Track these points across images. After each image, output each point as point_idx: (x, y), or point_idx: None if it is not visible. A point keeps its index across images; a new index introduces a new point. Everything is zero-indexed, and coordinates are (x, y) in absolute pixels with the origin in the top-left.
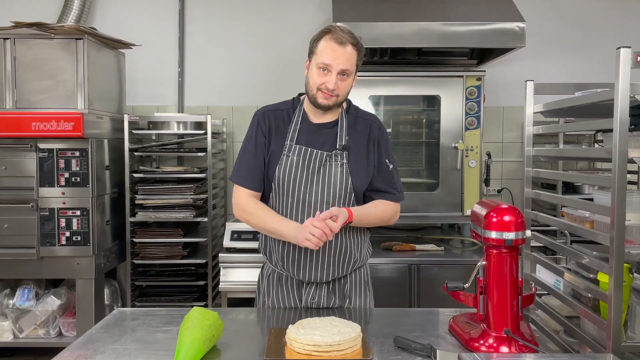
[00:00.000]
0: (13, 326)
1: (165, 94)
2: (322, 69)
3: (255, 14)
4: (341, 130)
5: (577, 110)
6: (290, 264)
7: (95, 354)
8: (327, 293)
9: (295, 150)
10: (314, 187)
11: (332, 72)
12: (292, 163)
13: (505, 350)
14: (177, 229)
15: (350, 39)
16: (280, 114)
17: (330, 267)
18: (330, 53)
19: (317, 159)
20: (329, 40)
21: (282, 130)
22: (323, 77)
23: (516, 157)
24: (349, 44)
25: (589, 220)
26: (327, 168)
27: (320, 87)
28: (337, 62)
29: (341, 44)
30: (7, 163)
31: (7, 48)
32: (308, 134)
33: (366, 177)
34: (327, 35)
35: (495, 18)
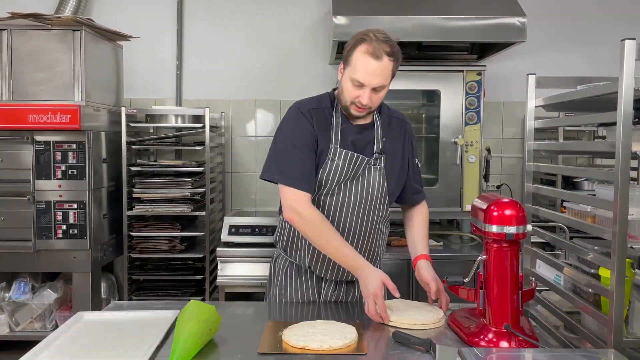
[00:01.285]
0: (9, 320)
1: (163, 86)
2: (356, 84)
3: (254, 7)
4: (377, 133)
5: (578, 104)
6: (316, 262)
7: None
8: (346, 287)
9: (341, 154)
10: (353, 190)
11: (366, 87)
12: (337, 167)
13: (505, 345)
14: (174, 223)
15: (387, 48)
16: (322, 113)
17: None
18: (364, 69)
19: (360, 164)
20: (364, 53)
21: (327, 132)
22: (357, 90)
23: (516, 152)
24: (385, 57)
25: (590, 215)
26: (367, 172)
27: (354, 100)
28: (372, 79)
29: (377, 58)
30: (4, 155)
31: (4, 39)
32: (351, 135)
33: (400, 180)
34: (362, 45)
35: (496, 12)
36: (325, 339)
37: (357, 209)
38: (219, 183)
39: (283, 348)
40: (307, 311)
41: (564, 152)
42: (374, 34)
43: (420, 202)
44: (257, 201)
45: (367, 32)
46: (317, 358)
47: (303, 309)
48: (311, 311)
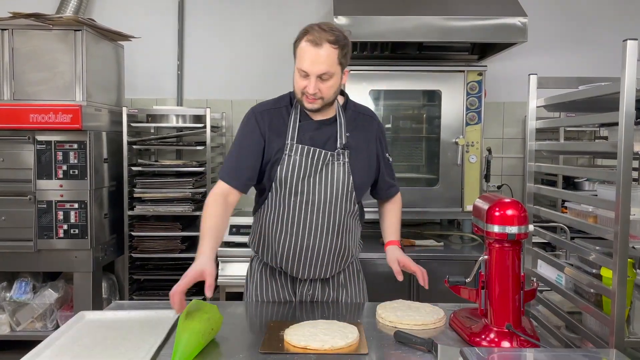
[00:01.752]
0: (10, 319)
1: (164, 86)
2: (302, 74)
3: (255, 7)
4: (340, 128)
5: (580, 104)
6: (287, 262)
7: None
8: (322, 286)
9: (297, 149)
10: (317, 186)
11: (311, 76)
12: (294, 162)
13: (507, 345)
14: (175, 223)
15: (329, 36)
16: (278, 112)
17: (328, 266)
18: (306, 58)
19: (320, 158)
20: (305, 42)
21: (281, 129)
22: (303, 80)
23: (516, 153)
24: (326, 44)
25: (592, 215)
26: (330, 167)
27: (304, 91)
28: (314, 67)
29: (317, 45)
30: (5, 155)
31: (5, 39)
32: (309, 132)
33: (367, 175)
34: (304, 36)
35: (497, 13)
36: (327, 339)
37: (322, 206)
38: None
39: (285, 348)
40: (283, 311)
41: (565, 152)
42: (318, 26)
43: (394, 195)
44: None
45: (311, 25)
46: (318, 358)
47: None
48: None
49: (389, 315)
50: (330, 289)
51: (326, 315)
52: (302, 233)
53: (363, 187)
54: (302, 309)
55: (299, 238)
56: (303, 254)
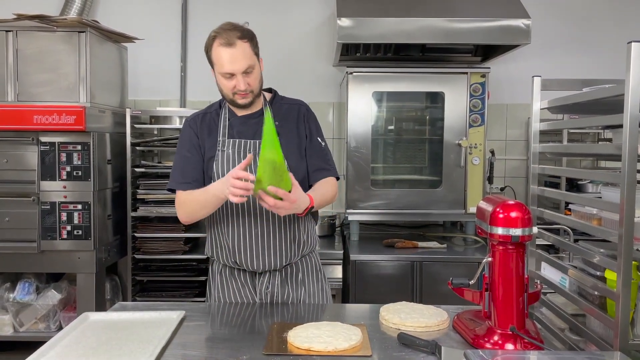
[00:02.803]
0: (13, 320)
1: (167, 88)
2: (227, 77)
3: (258, 9)
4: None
5: (583, 106)
6: (240, 254)
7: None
8: (281, 282)
9: (229, 144)
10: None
11: (237, 75)
12: (228, 156)
13: (511, 347)
14: (178, 224)
15: (237, 33)
16: (208, 117)
17: (281, 253)
18: (226, 60)
19: (251, 148)
20: (219, 46)
21: (212, 130)
22: (231, 81)
23: (519, 155)
24: (238, 42)
25: (596, 217)
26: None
27: (234, 91)
28: (236, 65)
29: (231, 45)
30: (9, 156)
31: (9, 40)
32: (238, 126)
33: (300, 157)
34: (215, 41)
35: (500, 14)
36: (330, 341)
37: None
38: None
39: (288, 349)
40: (322, 313)
41: (569, 154)
42: (221, 28)
43: (325, 178)
44: None
45: (215, 30)
46: (322, 359)
47: (317, 310)
48: (325, 313)
49: (393, 317)
50: (289, 286)
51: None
52: (249, 222)
53: (299, 170)
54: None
55: (246, 227)
56: (254, 243)
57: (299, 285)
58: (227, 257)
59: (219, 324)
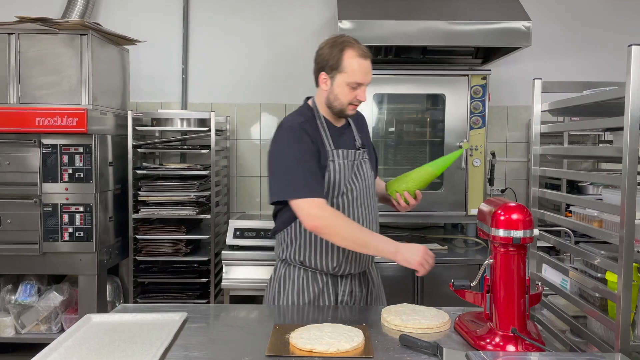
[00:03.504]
0: (15, 322)
1: (169, 90)
2: (354, 86)
3: (259, 11)
4: (354, 131)
5: (584, 109)
6: (338, 260)
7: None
8: (359, 285)
9: (339, 154)
10: (357, 185)
11: (363, 86)
12: (340, 166)
13: (512, 349)
14: (179, 226)
15: (365, 48)
16: (312, 123)
17: (363, 258)
18: (361, 70)
19: (354, 158)
20: (355, 57)
21: (318, 138)
22: (353, 92)
23: (520, 156)
24: (369, 56)
25: (597, 219)
26: (361, 166)
27: (353, 101)
28: (367, 77)
29: (366, 57)
30: (11, 158)
31: (12, 43)
32: (338, 137)
33: (374, 167)
34: (349, 50)
35: (501, 17)
36: (332, 342)
37: (365, 201)
38: (224, 186)
39: (290, 351)
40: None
41: (570, 156)
42: (347, 38)
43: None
44: (261, 204)
45: (343, 38)
46: None
47: (319, 312)
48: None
49: (394, 318)
50: (363, 289)
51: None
52: None
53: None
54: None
55: None
56: (341, 250)
57: (370, 290)
58: (320, 262)
59: (221, 325)
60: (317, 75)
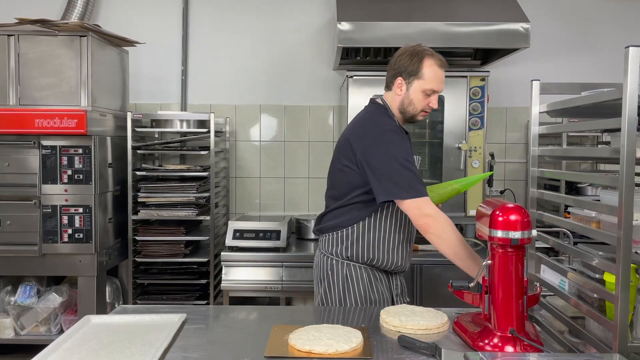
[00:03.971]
0: (14, 323)
1: (168, 92)
2: (428, 93)
3: (259, 13)
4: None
5: (582, 110)
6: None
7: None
8: (405, 282)
9: (416, 160)
10: None
11: (436, 93)
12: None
13: (511, 349)
14: (179, 227)
15: (444, 60)
16: (397, 127)
17: (410, 255)
18: (439, 79)
19: (418, 165)
20: (433, 66)
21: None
22: (427, 98)
23: (519, 158)
24: (445, 66)
25: (595, 220)
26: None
27: (425, 108)
28: (442, 86)
29: (444, 67)
30: (10, 159)
31: (11, 45)
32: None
33: None
34: (428, 59)
35: (499, 18)
36: (331, 343)
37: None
38: (223, 187)
39: (289, 352)
40: (322, 315)
41: (568, 157)
42: (429, 49)
43: None
44: (261, 205)
45: (422, 47)
46: None
47: (317, 312)
48: (326, 315)
49: (393, 319)
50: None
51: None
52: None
53: None
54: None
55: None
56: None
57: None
58: (372, 257)
59: (220, 326)
60: (393, 79)
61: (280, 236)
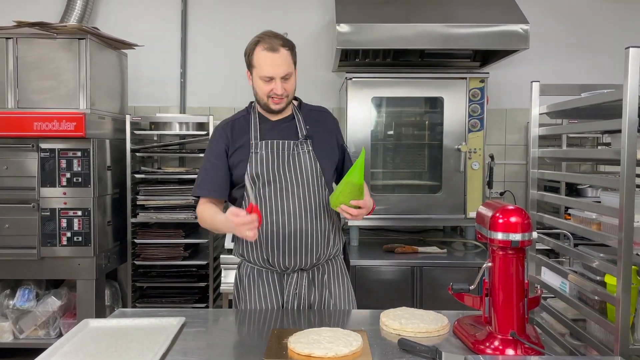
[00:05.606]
0: (13, 327)
1: (167, 94)
2: (266, 80)
3: (257, 15)
4: (299, 122)
5: (582, 111)
6: (272, 252)
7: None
8: (308, 283)
9: (262, 145)
10: (287, 174)
11: (276, 79)
12: (262, 157)
13: (511, 352)
14: (178, 230)
15: (280, 41)
16: (238, 122)
17: (312, 252)
18: (268, 64)
19: (285, 148)
20: (262, 50)
21: (243, 135)
22: (269, 85)
23: (519, 159)
24: (281, 48)
25: (596, 222)
26: (296, 156)
27: (270, 94)
28: (277, 70)
29: (274, 51)
30: (9, 163)
31: (10, 47)
32: (270, 130)
33: (332, 161)
34: (258, 46)
35: (498, 20)
36: (331, 346)
37: (296, 191)
38: None
39: (289, 355)
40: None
41: (569, 159)
42: (264, 34)
43: None
44: None
45: (258, 35)
46: None
47: (316, 316)
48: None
49: (393, 322)
50: (316, 288)
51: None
52: (282, 219)
53: (329, 172)
54: (304, 315)
55: (279, 225)
56: (287, 240)
57: (324, 287)
58: (258, 255)
59: (219, 330)
60: (247, 72)
61: None
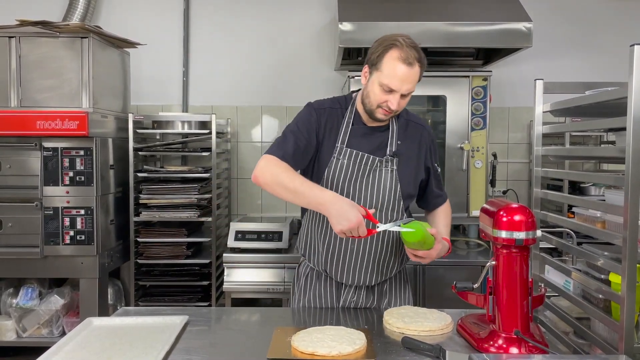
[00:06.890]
0: (16, 325)
1: (169, 93)
2: (386, 89)
3: (260, 13)
4: (392, 136)
5: (586, 109)
6: (331, 265)
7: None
8: (366, 294)
9: (346, 153)
10: (363, 191)
11: (396, 93)
12: (342, 166)
13: (515, 351)
14: (181, 229)
15: (416, 54)
16: (334, 113)
17: (373, 273)
18: (397, 77)
19: (367, 163)
20: (396, 59)
21: (334, 130)
22: (385, 95)
23: (522, 158)
24: (416, 63)
25: (600, 220)
26: (377, 173)
27: (381, 104)
28: (404, 85)
29: (409, 64)
30: (12, 162)
31: (12, 46)
32: (360, 137)
33: (414, 184)
34: (393, 50)
35: (501, 18)
36: (335, 345)
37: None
38: (225, 189)
39: (292, 354)
40: (326, 317)
41: (572, 157)
42: (403, 40)
43: (441, 204)
44: (263, 207)
45: (395, 37)
46: None
47: (321, 314)
48: (329, 317)
49: (396, 321)
50: (375, 297)
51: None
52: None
53: (410, 195)
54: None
55: (343, 241)
56: (347, 258)
57: (383, 297)
58: (317, 262)
59: (222, 328)
60: (364, 67)
61: (282, 237)
